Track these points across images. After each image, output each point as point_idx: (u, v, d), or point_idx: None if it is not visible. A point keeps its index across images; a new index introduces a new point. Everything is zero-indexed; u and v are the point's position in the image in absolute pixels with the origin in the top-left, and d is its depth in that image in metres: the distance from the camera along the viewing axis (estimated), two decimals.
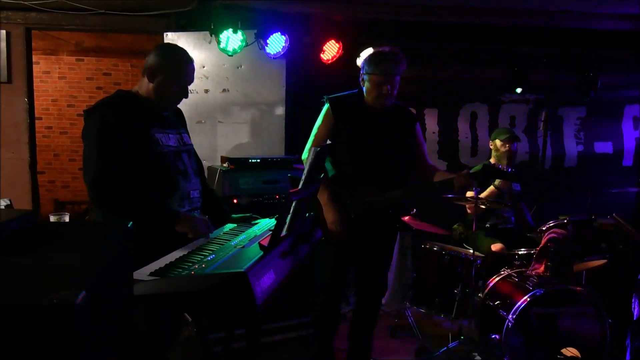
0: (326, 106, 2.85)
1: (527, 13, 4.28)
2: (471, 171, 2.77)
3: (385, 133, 2.82)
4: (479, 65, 4.78)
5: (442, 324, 4.00)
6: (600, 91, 4.70)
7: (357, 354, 3.10)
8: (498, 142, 4.06)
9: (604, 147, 5.07)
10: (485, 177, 3.29)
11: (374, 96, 2.74)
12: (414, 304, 3.86)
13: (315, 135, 2.84)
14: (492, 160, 4.28)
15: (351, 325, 3.13)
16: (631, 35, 4.56)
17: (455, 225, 4.29)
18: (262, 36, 3.99)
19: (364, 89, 2.79)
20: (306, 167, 1.86)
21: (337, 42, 4.20)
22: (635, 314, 2.77)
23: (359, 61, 2.87)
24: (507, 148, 4.03)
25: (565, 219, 3.44)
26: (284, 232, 1.82)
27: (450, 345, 3.50)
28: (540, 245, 3.40)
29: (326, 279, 2.94)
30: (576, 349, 3.14)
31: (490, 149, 4.18)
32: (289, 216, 1.82)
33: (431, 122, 4.85)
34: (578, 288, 3.24)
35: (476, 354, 3.47)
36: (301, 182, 1.85)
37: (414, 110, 3.03)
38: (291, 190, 1.74)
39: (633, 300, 2.78)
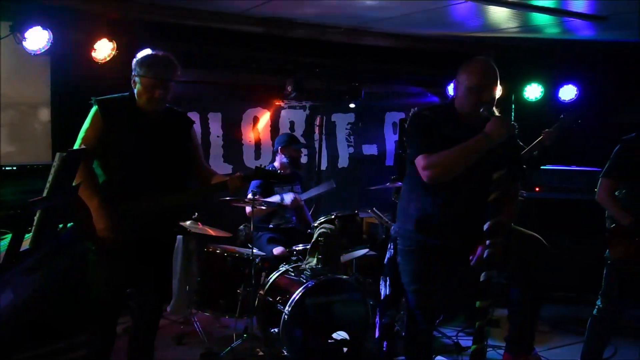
0: (94, 108, 2.71)
1: (303, 26, 4.60)
2: (244, 174, 2.90)
3: (159, 137, 2.78)
4: (261, 72, 4.97)
5: (229, 325, 4.07)
6: (365, 100, 5.27)
7: None
8: (288, 150, 4.36)
9: (370, 149, 5.70)
10: (258, 179, 3.46)
11: (145, 99, 2.69)
12: (199, 309, 3.86)
13: (82, 139, 2.68)
14: (276, 164, 4.52)
15: (130, 339, 2.99)
16: (389, 51, 5.20)
17: (241, 227, 4.42)
18: (19, 29, 3.57)
19: (135, 91, 2.72)
20: (51, 174, 1.73)
21: (110, 41, 3.97)
22: (382, 294, 3.18)
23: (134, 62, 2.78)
24: (296, 156, 4.38)
25: (333, 214, 3.79)
26: (27, 247, 1.67)
27: (234, 344, 3.59)
28: (313, 240, 3.69)
29: (100, 292, 2.77)
30: (345, 331, 3.47)
31: (276, 153, 4.45)
32: (33, 228, 1.68)
33: (215, 126, 4.89)
34: (344, 277, 3.59)
35: (259, 349, 3.61)
36: (45, 190, 1.71)
37: (193, 115, 3.05)
38: (30, 200, 1.60)
39: (381, 283, 3.20)
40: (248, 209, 3.96)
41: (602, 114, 5.24)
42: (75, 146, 2.68)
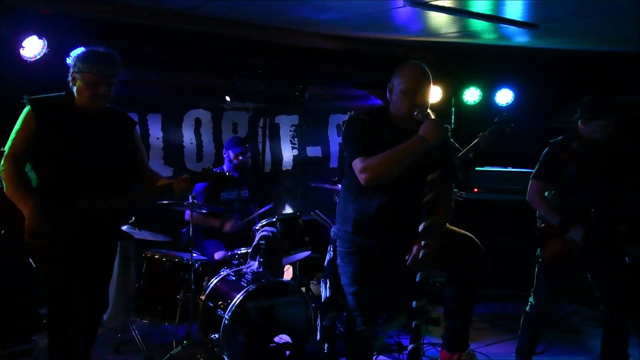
0: (27, 108, 2.58)
1: (247, 26, 4.54)
2: (190, 176, 2.85)
3: (100, 138, 2.67)
4: (201, 72, 4.87)
5: (169, 332, 3.97)
6: (310, 101, 5.26)
7: None
8: (231, 153, 4.31)
9: (314, 151, 5.69)
10: (205, 181, 3.39)
11: (87, 97, 2.57)
12: (138, 316, 3.75)
13: (13, 141, 2.56)
14: (225, 167, 4.45)
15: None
16: (333, 54, 5.22)
17: (184, 230, 4.32)
18: None
19: (75, 89, 2.60)
20: None
21: (40, 38, 3.79)
22: (323, 296, 3.18)
23: (70, 59, 2.65)
24: (239, 160, 4.32)
25: (274, 217, 3.76)
26: None
27: (174, 351, 3.50)
28: (254, 243, 3.65)
29: (59, 300, 2.62)
30: (288, 334, 3.45)
31: (222, 156, 4.39)
32: None
33: (155, 128, 4.76)
34: (286, 280, 3.57)
35: (200, 356, 3.54)
36: None
37: (131, 116, 2.97)
38: None
39: (322, 285, 3.20)
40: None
41: (536, 117, 5.45)
42: (5, 149, 2.55)
